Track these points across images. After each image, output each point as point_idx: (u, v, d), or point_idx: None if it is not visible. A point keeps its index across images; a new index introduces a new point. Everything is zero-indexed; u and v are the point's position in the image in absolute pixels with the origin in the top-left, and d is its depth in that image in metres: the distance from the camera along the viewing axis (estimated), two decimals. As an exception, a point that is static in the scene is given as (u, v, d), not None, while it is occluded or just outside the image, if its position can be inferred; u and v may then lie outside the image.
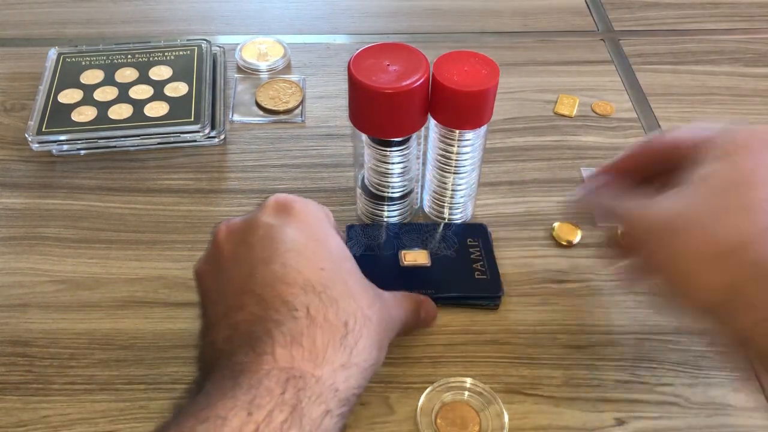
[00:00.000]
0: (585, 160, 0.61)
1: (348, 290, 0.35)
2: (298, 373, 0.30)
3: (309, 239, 0.36)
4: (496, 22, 0.78)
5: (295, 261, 0.34)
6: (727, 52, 0.74)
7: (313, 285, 0.34)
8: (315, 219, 0.38)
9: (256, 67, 0.69)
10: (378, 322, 0.35)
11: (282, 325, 0.32)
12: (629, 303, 0.50)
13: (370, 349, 0.34)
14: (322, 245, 0.36)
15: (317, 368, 0.31)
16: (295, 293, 0.33)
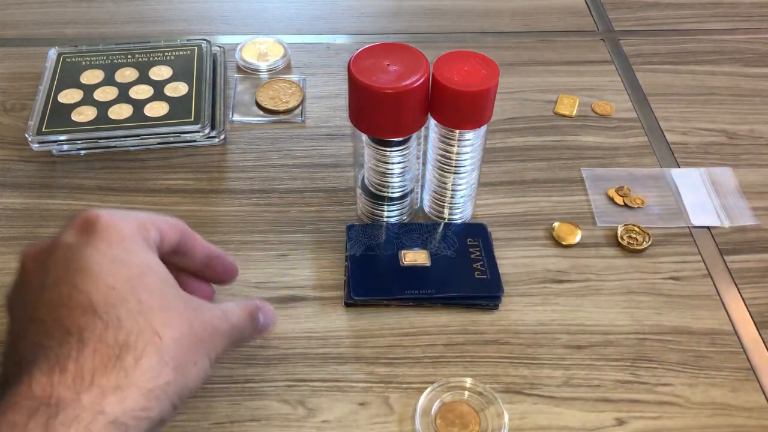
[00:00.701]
0: (585, 160, 0.61)
1: (139, 307, 0.33)
2: (53, 401, 0.29)
3: (105, 258, 0.34)
4: (496, 22, 0.78)
5: (83, 281, 0.33)
6: (727, 52, 0.74)
7: (95, 306, 0.32)
8: (118, 235, 0.35)
9: (256, 67, 0.69)
10: (175, 338, 0.33)
11: (50, 351, 0.31)
12: (629, 303, 0.50)
13: (158, 368, 0.32)
14: (118, 263, 0.34)
15: (80, 393, 0.30)
16: (74, 315, 0.32)
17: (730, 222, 0.56)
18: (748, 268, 0.53)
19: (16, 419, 0.29)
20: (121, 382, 0.31)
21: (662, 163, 0.61)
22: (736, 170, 0.60)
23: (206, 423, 0.43)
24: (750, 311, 0.50)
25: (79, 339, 0.31)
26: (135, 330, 0.32)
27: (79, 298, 0.32)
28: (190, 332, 0.34)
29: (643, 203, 0.57)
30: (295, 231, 0.54)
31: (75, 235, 0.36)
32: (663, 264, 0.53)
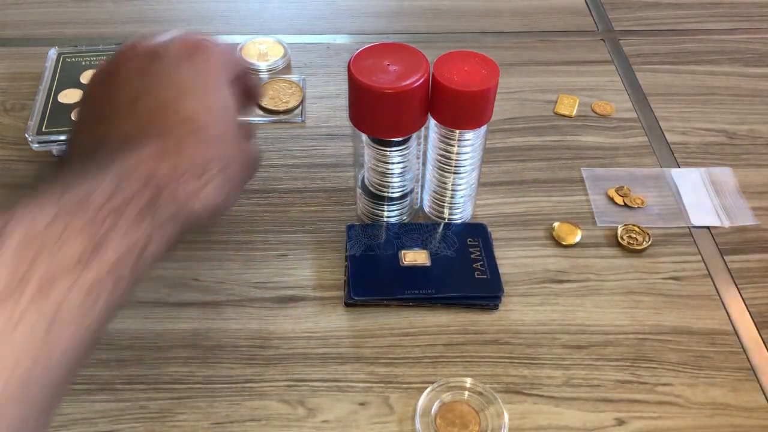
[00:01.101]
0: (585, 160, 0.61)
1: (222, 136, 0.37)
2: (162, 183, 0.34)
3: (201, 83, 0.38)
4: (496, 22, 0.78)
5: (186, 98, 0.37)
6: (727, 52, 0.74)
7: (195, 120, 0.36)
8: (216, 66, 0.40)
9: (256, 67, 0.69)
10: (234, 172, 0.38)
11: (149, 143, 0.35)
12: (629, 303, 0.50)
13: (216, 193, 0.36)
14: (212, 91, 0.38)
15: (176, 184, 0.34)
16: (175, 123, 0.36)
17: (730, 222, 0.56)
18: (748, 268, 0.53)
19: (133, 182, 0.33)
20: (196, 191, 0.35)
21: (662, 163, 0.61)
22: (736, 170, 0.60)
23: (206, 423, 0.43)
24: (750, 311, 0.50)
25: (177, 143, 0.35)
26: (216, 155, 0.37)
27: (179, 110, 0.36)
28: (243, 161, 0.40)
29: (643, 203, 0.57)
30: (295, 231, 0.54)
31: (181, 52, 0.39)
32: (663, 264, 0.53)
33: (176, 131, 0.36)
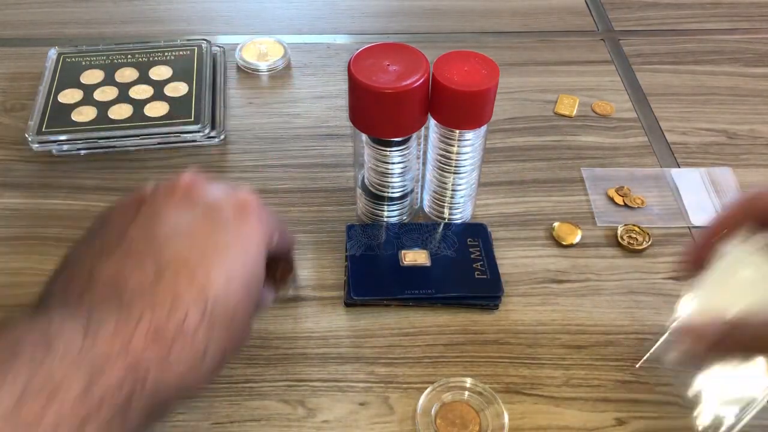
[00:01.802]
0: (585, 160, 0.61)
1: (232, 319, 0.33)
2: (143, 366, 0.30)
3: (239, 252, 0.34)
4: (496, 22, 0.78)
5: (212, 262, 0.33)
6: (727, 52, 0.74)
7: (208, 295, 0.32)
8: (257, 235, 0.36)
9: (256, 67, 0.69)
10: (226, 355, 0.34)
11: (154, 313, 0.31)
12: (629, 303, 0.50)
13: (206, 378, 0.33)
14: (243, 262, 0.35)
15: (163, 374, 0.30)
16: (187, 290, 0.32)
17: (730, 222, 0.56)
18: (748, 268, 0.53)
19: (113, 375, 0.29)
20: (187, 375, 0.31)
21: (662, 163, 0.61)
22: (736, 170, 0.60)
23: (206, 423, 0.43)
24: (750, 311, 0.50)
25: (182, 320, 0.31)
26: (215, 343, 0.32)
27: (201, 276, 0.32)
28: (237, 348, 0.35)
29: (643, 203, 0.57)
30: (295, 231, 0.54)
31: (229, 211, 0.35)
32: (663, 264, 0.53)
33: (183, 302, 0.31)
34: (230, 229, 0.35)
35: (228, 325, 0.33)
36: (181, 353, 0.31)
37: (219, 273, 0.33)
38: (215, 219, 0.35)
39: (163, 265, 0.32)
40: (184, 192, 0.36)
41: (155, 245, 0.33)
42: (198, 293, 0.32)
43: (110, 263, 0.32)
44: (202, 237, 0.34)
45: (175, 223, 0.34)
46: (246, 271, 0.34)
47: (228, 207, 0.36)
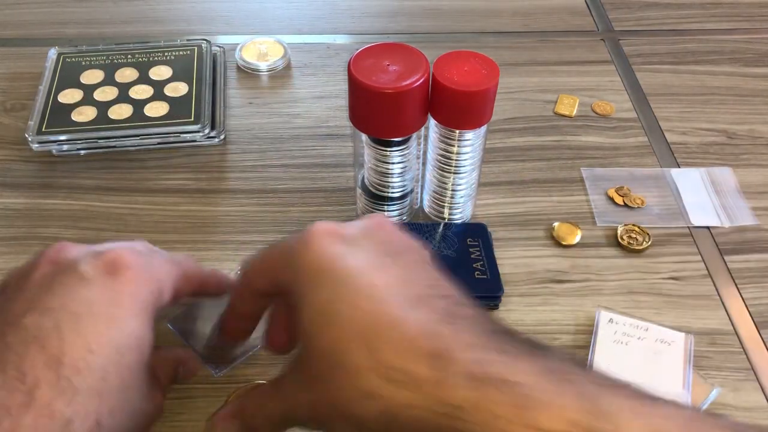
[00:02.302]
0: (585, 160, 0.61)
1: (103, 386, 0.31)
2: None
3: (104, 314, 0.32)
4: (496, 22, 0.78)
5: (67, 329, 0.31)
6: (727, 52, 0.74)
7: (64, 363, 0.30)
8: (132, 298, 0.34)
9: (256, 67, 0.69)
10: (113, 427, 0.32)
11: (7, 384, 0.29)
12: (629, 303, 0.50)
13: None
14: (113, 325, 0.32)
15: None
16: (36, 362, 0.30)
17: (730, 222, 0.56)
18: (748, 268, 0.53)
19: None
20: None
21: (662, 163, 0.61)
22: (736, 170, 0.60)
23: (206, 423, 0.43)
24: (750, 311, 0.50)
25: (28, 392, 0.29)
26: (85, 412, 0.30)
27: (56, 344, 0.30)
28: (128, 417, 0.33)
29: (643, 203, 0.57)
30: (295, 231, 0.54)
31: (94, 273, 0.33)
32: (663, 264, 0.53)
33: (32, 373, 0.29)
34: (93, 292, 0.32)
35: (99, 392, 0.31)
36: (35, 428, 0.29)
37: (74, 341, 0.31)
38: (74, 284, 0.33)
39: (9, 342, 0.30)
40: (48, 260, 0.35)
41: (4, 324, 0.31)
42: (50, 364, 0.30)
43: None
44: (57, 305, 0.32)
45: (29, 297, 0.32)
46: (114, 336, 0.32)
47: (93, 268, 0.33)
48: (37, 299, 0.32)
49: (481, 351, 0.28)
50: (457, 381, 0.27)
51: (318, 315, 0.31)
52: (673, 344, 0.46)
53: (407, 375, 0.28)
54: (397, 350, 0.28)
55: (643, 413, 0.26)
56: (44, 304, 0.32)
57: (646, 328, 0.47)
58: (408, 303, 0.30)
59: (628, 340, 0.46)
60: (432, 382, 0.27)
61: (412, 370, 0.28)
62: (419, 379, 0.27)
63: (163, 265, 0.36)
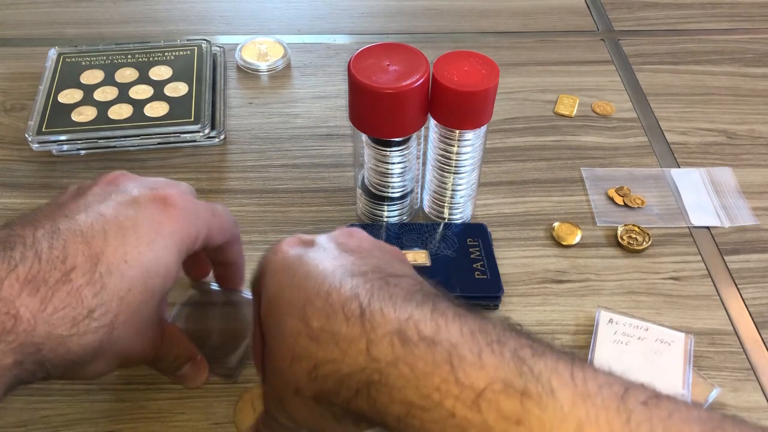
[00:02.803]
0: (585, 160, 0.61)
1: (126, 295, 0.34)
2: (13, 312, 0.30)
3: (145, 237, 0.35)
4: (496, 22, 0.78)
5: (112, 236, 0.34)
6: (727, 52, 0.74)
7: (101, 261, 0.33)
8: (169, 231, 0.36)
9: (256, 67, 0.69)
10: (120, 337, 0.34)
11: (36, 261, 0.32)
12: (629, 303, 0.50)
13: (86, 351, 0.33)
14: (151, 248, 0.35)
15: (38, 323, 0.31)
16: (78, 252, 0.33)
17: (730, 222, 0.56)
18: (748, 268, 0.53)
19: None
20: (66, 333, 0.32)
21: (662, 163, 0.61)
22: (736, 170, 0.60)
23: (206, 423, 0.43)
24: (750, 311, 0.50)
25: (57, 261, 0.32)
26: (103, 308, 0.33)
27: (92, 240, 0.33)
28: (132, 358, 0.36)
29: (643, 203, 0.57)
30: (295, 231, 0.54)
31: (145, 200, 0.36)
32: (663, 264, 0.53)
33: (72, 258, 0.32)
34: (141, 214, 0.35)
35: (121, 298, 0.33)
36: (63, 310, 0.31)
37: (116, 247, 0.33)
38: (127, 203, 0.36)
39: (61, 228, 0.33)
40: (108, 180, 0.38)
41: (60, 215, 0.34)
42: (90, 257, 0.33)
43: (21, 223, 0.34)
44: (109, 214, 0.35)
45: (86, 202, 0.35)
46: (149, 257, 0.34)
47: (146, 196, 0.36)
48: (93, 205, 0.35)
49: (414, 312, 0.29)
50: (384, 338, 0.28)
51: (267, 304, 0.33)
52: (673, 344, 0.46)
53: (334, 335, 0.29)
54: (327, 314, 0.30)
55: (578, 378, 0.26)
56: (98, 210, 0.35)
57: (646, 328, 0.47)
58: (348, 277, 0.31)
59: (628, 340, 0.47)
60: (358, 340, 0.29)
61: (338, 330, 0.29)
62: (346, 337, 0.29)
63: (204, 212, 0.39)
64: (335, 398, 0.29)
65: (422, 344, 0.28)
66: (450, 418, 0.26)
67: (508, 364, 0.27)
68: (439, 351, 0.27)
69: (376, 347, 0.28)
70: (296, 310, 0.31)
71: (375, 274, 0.32)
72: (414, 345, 0.28)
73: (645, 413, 0.25)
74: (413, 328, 0.28)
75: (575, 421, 0.25)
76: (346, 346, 0.29)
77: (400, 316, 0.29)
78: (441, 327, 0.28)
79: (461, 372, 0.27)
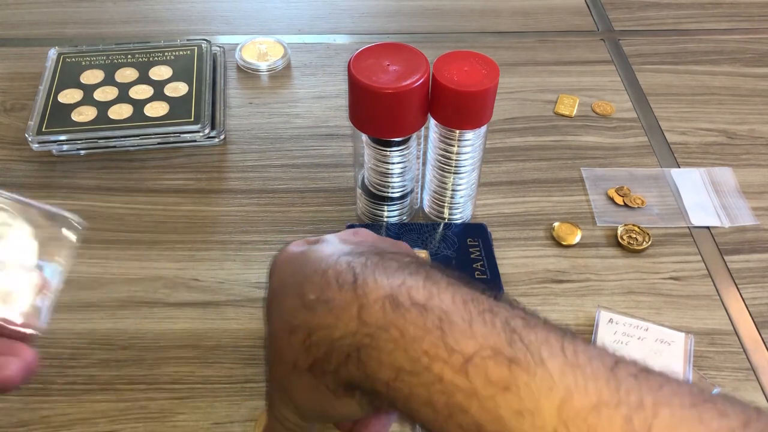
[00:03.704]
0: (585, 160, 0.61)
1: None
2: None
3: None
4: (496, 22, 0.78)
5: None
6: (727, 52, 0.74)
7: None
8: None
9: (256, 67, 0.69)
10: None
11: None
12: (629, 303, 0.50)
13: None
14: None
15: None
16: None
17: (730, 222, 0.56)
18: (748, 268, 0.53)
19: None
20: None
21: (662, 163, 0.61)
22: (736, 170, 0.60)
23: (206, 423, 0.43)
24: (750, 311, 0.50)
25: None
26: None
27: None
28: None
29: (643, 203, 0.57)
30: (295, 231, 0.54)
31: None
32: (663, 264, 0.53)
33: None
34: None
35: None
36: None
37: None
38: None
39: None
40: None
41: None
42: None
43: None
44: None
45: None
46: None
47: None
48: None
49: (406, 279, 0.29)
50: (375, 303, 0.28)
51: (271, 293, 0.33)
52: (673, 344, 0.46)
53: (327, 303, 0.29)
54: (321, 285, 0.30)
55: (569, 350, 0.26)
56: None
57: (646, 328, 0.47)
58: (345, 256, 0.32)
59: (628, 340, 0.47)
60: (350, 305, 0.29)
61: (332, 297, 0.29)
62: (339, 304, 0.29)
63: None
64: (327, 365, 0.30)
65: (414, 309, 0.28)
66: (437, 382, 0.26)
67: (498, 333, 0.27)
68: (430, 317, 0.27)
69: (367, 312, 0.28)
70: (294, 289, 0.31)
71: (372, 252, 0.32)
72: (405, 310, 0.28)
73: (635, 384, 0.25)
74: (405, 294, 0.28)
75: (563, 388, 0.25)
76: (339, 312, 0.29)
77: (392, 283, 0.29)
78: (433, 294, 0.28)
79: (451, 338, 0.27)
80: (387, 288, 0.29)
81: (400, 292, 0.28)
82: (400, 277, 0.29)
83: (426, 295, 0.28)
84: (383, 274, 0.30)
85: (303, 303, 0.30)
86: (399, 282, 0.29)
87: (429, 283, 0.29)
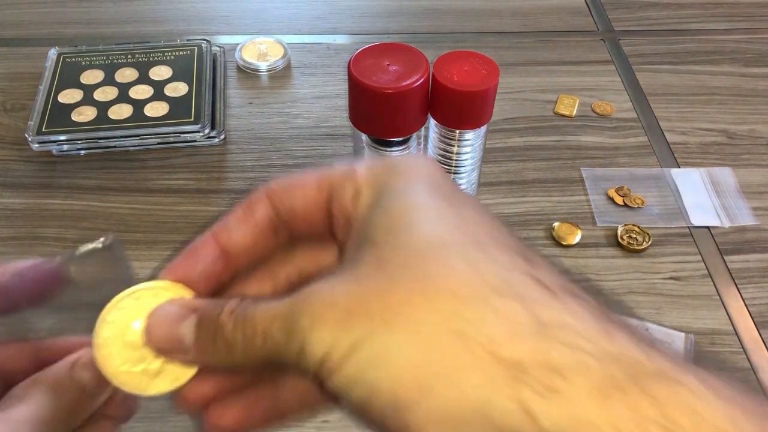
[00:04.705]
0: (585, 160, 0.61)
1: None
2: None
3: None
4: (496, 22, 0.78)
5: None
6: (727, 52, 0.74)
7: None
8: None
9: (256, 67, 0.69)
10: None
11: None
12: (629, 303, 0.50)
13: None
14: None
15: None
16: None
17: (730, 222, 0.56)
18: (748, 268, 0.53)
19: None
20: None
21: (662, 163, 0.61)
22: (736, 170, 0.60)
23: (206, 423, 0.43)
24: (750, 311, 0.50)
25: None
26: None
27: None
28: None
29: (643, 203, 0.57)
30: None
31: None
32: (663, 264, 0.53)
33: None
34: None
35: None
36: None
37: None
38: None
39: None
40: None
41: None
42: None
43: None
44: None
45: None
46: None
47: None
48: None
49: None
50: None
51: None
52: (673, 344, 0.46)
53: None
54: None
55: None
56: None
57: (646, 328, 0.47)
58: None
59: None
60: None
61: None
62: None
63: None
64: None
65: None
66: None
67: None
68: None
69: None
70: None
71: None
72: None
73: None
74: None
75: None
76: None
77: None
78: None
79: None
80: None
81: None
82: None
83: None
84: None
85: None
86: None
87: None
